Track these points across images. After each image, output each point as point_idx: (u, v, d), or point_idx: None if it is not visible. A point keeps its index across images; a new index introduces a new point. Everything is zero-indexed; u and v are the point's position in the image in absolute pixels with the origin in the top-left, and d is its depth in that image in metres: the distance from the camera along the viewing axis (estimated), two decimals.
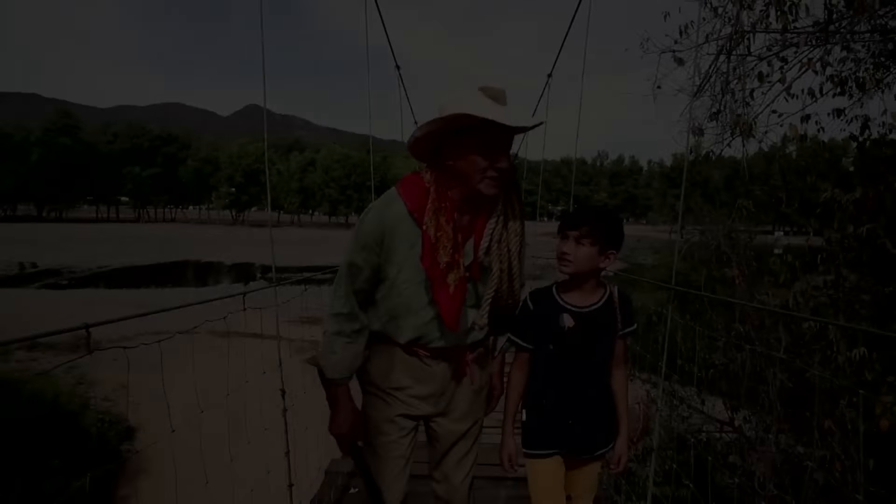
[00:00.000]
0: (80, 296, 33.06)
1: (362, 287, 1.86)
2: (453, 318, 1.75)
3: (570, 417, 1.94)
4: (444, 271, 1.71)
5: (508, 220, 1.80)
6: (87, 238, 62.32)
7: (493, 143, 1.65)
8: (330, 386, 1.93)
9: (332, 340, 1.89)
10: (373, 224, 1.79)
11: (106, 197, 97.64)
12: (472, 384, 1.96)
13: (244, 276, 44.35)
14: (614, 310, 1.92)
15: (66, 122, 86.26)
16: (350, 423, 1.92)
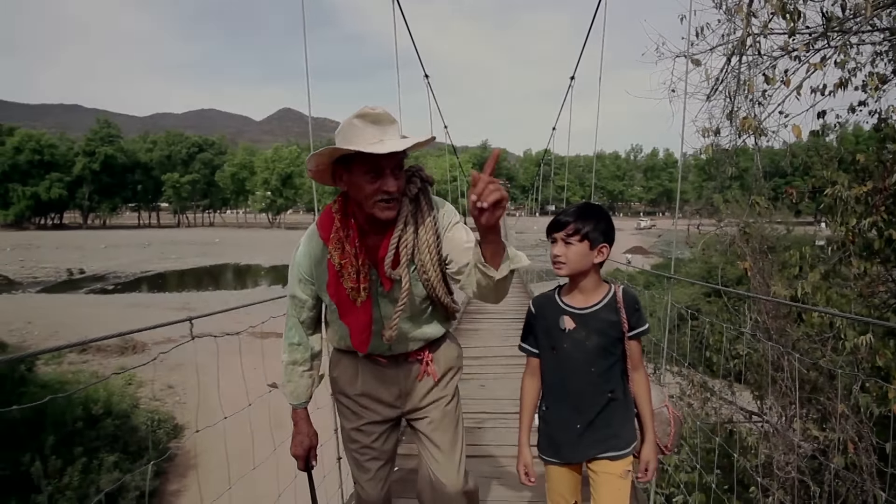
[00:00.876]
0: (125, 300, 34.15)
1: (308, 315, 1.99)
2: (358, 340, 1.83)
3: (578, 422, 1.90)
4: (349, 297, 1.77)
5: (419, 233, 1.80)
6: (131, 244, 64.09)
7: (375, 168, 1.67)
8: (292, 410, 2.10)
9: (287, 370, 2.05)
10: (301, 258, 1.92)
11: (147, 203, 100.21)
12: (434, 381, 2.02)
13: (282, 278, 45.15)
14: (618, 309, 1.88)
15: (108, 131, 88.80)
16: (305, 445, 2.07)
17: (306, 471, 2.15)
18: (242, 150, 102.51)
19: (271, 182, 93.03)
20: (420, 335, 1.97)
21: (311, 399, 2.12)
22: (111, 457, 12.05)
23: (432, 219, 1.82)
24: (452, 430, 2.05)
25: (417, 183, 1.82)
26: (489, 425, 4.35)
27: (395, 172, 1.70)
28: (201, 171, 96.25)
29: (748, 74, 3.53)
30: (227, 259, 54.68)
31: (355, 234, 1.77)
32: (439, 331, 2.03)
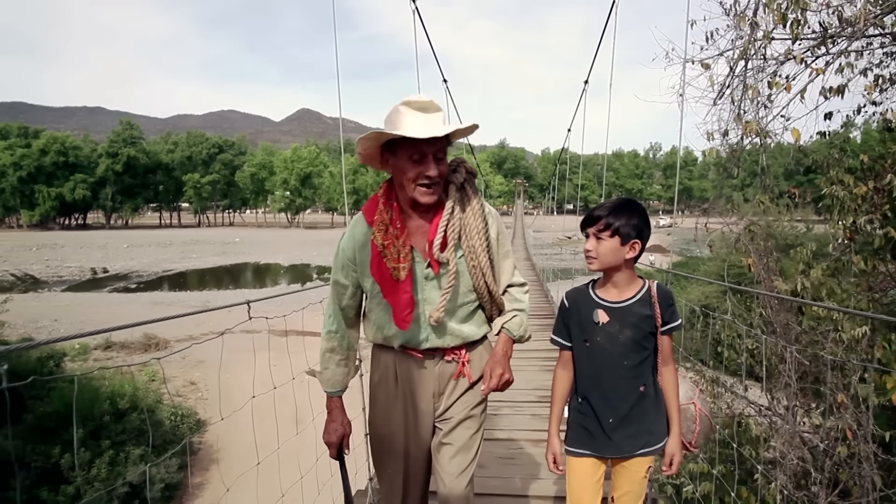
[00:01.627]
0: (148, 298, 34.72)
1: (348, 304, 2.02)
2: (401, 317, 1.83)
3: (610, 416, 1.90)
4: (391, 276, 1.81)
5: (468, 218, 1.87)
6: (152, 243, 65.01)
7: (418, 153, 1.74)
8: (327, 397, 2.12)
9: (324, 358, 2.08)
10: (346, 243, 1.95)
11: (168, 203, 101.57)
12: (469, 382, 2.01)
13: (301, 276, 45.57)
14: (652, 304, 1.88)
15: (130, 133, 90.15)
16: (339, 433, 2.07)
17: (338, 459, 2.13)
18: (262, 150, 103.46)
19: (290, 182, 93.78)
20: (459, 331, 1.96)
21: (346, 388, 2.15)
22: (137, 450, 12.36)
23: (480, 207, 1.90)
24: (470, 435, 2.02)
25: (463, 172, 1.90)
26: (504, 412, 4.73)
27: (437, 158, 1.77)
28: (221, 172, 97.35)
29: (754, 79, 3.66)
30: (246, 258, 55.26)
31: (398, 216, 1.83)
32: (479, 332, 2.02)
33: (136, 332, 23.26)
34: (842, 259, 3.36)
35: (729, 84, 3.85)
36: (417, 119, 1.72)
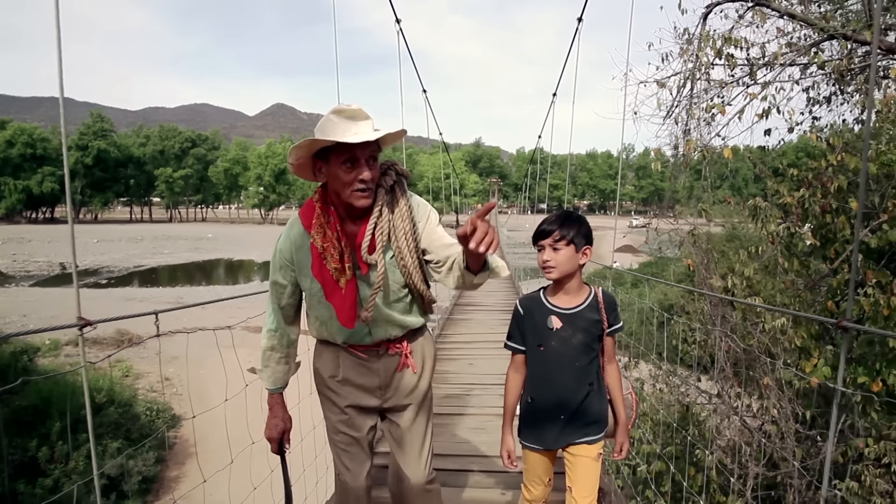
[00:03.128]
0: (120, 294, 34.36)
1: (288, 302, 2.07)
2: (346, 317, 1.90)
3: (562, 413, 2.06)
4: (333, 277, 1.88)
5: (396, 220, 1.93)
6: (123, 238, 64.08)
7: (350, 158, 1.79)
8: (267, 394, 2.19)
9: (265, 356, 2.13)
10: (283, 244, 2.01)
11: (139, 198, 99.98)
12: (414, 373, 2.12)
13: None
14: (599, 309, 2.04)
15: (101, 125, 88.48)
16: (280, 428, 2.16)
17: (279, 454, 2.22)
18: (236, 145, 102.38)
19: (264, 178, 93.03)
20: (399, 321, 2.03)
21: (286, 385, 2.21)
22: (115, 443, 12.49)
23: (408, 208, 1.96)
24: (423, 427, 2.16)
25: (393, 175, 1.96)
26: (475, 392, 5.37)
27: (369, 163, 1.83)
28: (194, 167, 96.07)
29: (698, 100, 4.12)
30: (219, 254, 54.80)
31: (335, 220, 1.89)
32: (417, 321, 2.10)
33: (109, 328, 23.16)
34: (769, 260, 3.81)
35: (677, 103, 4.31)
36: (348, 127, 1.77)
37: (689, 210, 5.08)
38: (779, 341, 3.39)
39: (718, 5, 4.14)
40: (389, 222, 1.91)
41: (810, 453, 3.55)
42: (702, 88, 4.18)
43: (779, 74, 4.05)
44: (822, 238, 3.58)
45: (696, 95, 4.17)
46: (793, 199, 3.63)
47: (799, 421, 3.49)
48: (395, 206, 1.94)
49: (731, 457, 3.74)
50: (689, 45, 4.14)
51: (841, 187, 3.37)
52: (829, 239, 3.55)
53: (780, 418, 3.37)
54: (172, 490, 13.20)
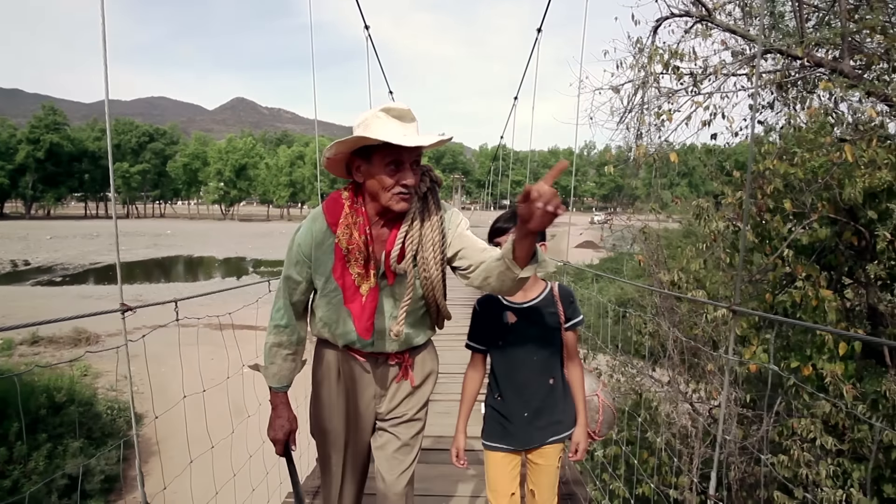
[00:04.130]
0: (76, 292, 33.52)
1: (300, 299, 1.99)
2: (364, 327, 1.81)
3: (525, 410, 2.04)
4: (355, 283, 1.81)
5: (426, 230, 1.83)
6: (77, 235, 62.41)
7: (396, 161, 1.72)
8: (271, 392, 2.08)
9: (271, 352, 2.02)
10: (302, 239, 1.90)
11: (94, 193, 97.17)
12: (412, 386, 2.04)
13: (236, 270, 44.86)
14: (555, 302, 2.04)
15: (53, 118, 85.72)
16: (285, 429, 2.04)
17: (285, 455, 2.12)
18: (195, 140, 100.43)
19: (225, 173, 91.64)
20: (406, 337, 1.95)
21: (291, 384, 2.11)
22: (76, 442, 12.35)
23: (439, 218, 1.87)
24: (411, 437, 2.06)
25: (427, 182, 1.88)
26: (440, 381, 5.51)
27: (413, 167, 1.76)
28: (152, 161, 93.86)
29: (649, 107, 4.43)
30: (179, 251, 53.81)
31: (366, 221, 1.80)
32: (423, 338, 2.04)
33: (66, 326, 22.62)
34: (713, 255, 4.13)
35: (630, 109, 4.61)
36: (397, 127, 1.71)
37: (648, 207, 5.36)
38: (721, 331, 3.71)
39: (667, 19, 4.47)
40: (419, 231, 1.83)
41: (750, 432, 3.87)
42: (653, 96, 4.49)
43: (723, 83, 4.39)
44: (758, 236, 3.91)
45: (647, 102, 4.49)
46: (734, 200, 3.95)
47: (741, 404, 3.81)
48: (426, 215, 1.85)
49: (681, 440, 4.04)
50: (640, 55, 4.44)
51: (777, 189, 3.70)
52: (764, 237, 3.88)
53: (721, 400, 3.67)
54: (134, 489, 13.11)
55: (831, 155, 3.28)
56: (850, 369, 3.56)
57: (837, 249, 3.73)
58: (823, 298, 3.41)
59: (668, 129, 4.61)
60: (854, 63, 4.21)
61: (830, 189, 3.38)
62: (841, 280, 3.87)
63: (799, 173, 3.48)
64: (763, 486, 3.44)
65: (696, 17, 4.34)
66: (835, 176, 3.33)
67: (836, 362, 3.51)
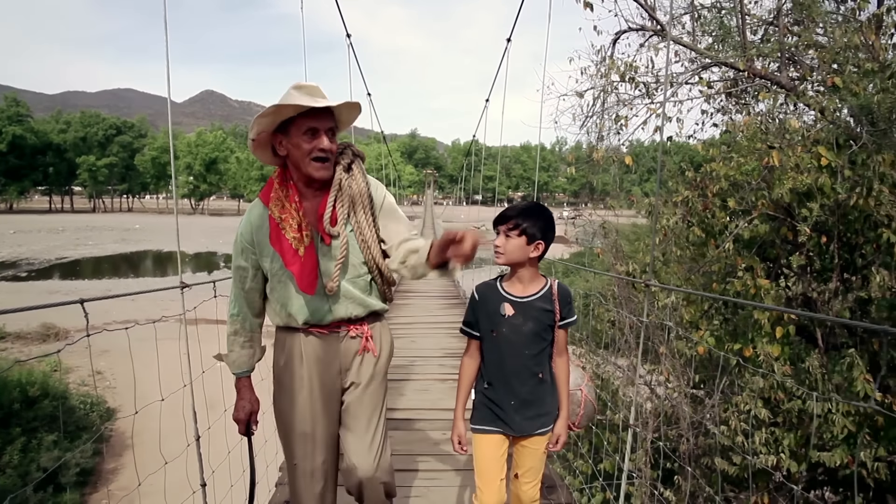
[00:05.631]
0: (43, 287, 33.02)
1: (251, 286, 2.09)
2: (306, 282, 1.93)
3: (512, 399, 2.08)
4: (292, 246, 1.92)
5: (354, 195, 1.99)
6: (42, 229, 61.19)
7: (311, 129, 1.86)
8: (235, 379, 2.22)
9: (229, 341, 2.16)
10: (243, 227, 2.04)
11: (59, 187, 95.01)
12: (374, 356, 2.13)
13: (207, 265, 44.52)
14: (553, 301, 2.07)
15: (16, 110, 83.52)
16: (247, 410, 2.18)
17: (246, 435, 2.25)
18: (164, 133, 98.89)
19: (195, 167, 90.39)
20: (359, 299, 2.06)
21: (252, 369, 2.23)
22: (50, 436, 12.39)
23: (366, 185, 2.03)
24: (370, 413, 2.10)
25: (350, 154, 2.02)
26: (418, 363, 6.18)
27: (328, 135, 1.90)
28: (119, 155, 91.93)
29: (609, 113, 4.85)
30: (148, 246, 53.17)
31: (294, 192, 1.96)
32: (377, 303, 2.13)
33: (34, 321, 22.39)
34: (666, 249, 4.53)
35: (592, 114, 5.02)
36: (308, 100, 1.83)
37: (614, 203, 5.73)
38: (672, 316, 4.09)
39: (625, 32, 4.88)
40: (349, 197, 1.98)
41: (698, 410, 4.27)
42: (612, 102, 4.88)
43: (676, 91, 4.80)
44: (704, 231, 4.31)
45: (607, 109, 4.87)
46: (681, 198, 4.35)
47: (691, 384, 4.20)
48: (353, 182, 1.99)
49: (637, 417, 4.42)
50: (602, 64, 4.84)
51: (722, 188, 4.09)
52: (709, 232, 4.28)
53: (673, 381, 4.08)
54: (110, 482, 13.18)
55: (764, 160, 3.69)
56: (786, 351, 3.98)
57: (775, 243, 4.15)
58: (761, 287, 3.82)
59: (626, 133, 5.03)
60: (792, 75, 4.65)
61: (763, 190, 3.80)
62: (780, 271, 4.29)
63: (737, 176, 3.88)
64: (707, 455, 3.86)
65: (650, 32, 4.75)
66: (766, 179, 3.75)
67: (773, 344, 3.92)
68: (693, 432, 4.14)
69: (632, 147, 5.30)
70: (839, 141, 3.54)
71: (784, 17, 4.67)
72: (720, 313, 4.64)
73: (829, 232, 3.95)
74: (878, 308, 3.86)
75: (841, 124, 3.60)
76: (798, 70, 4.66)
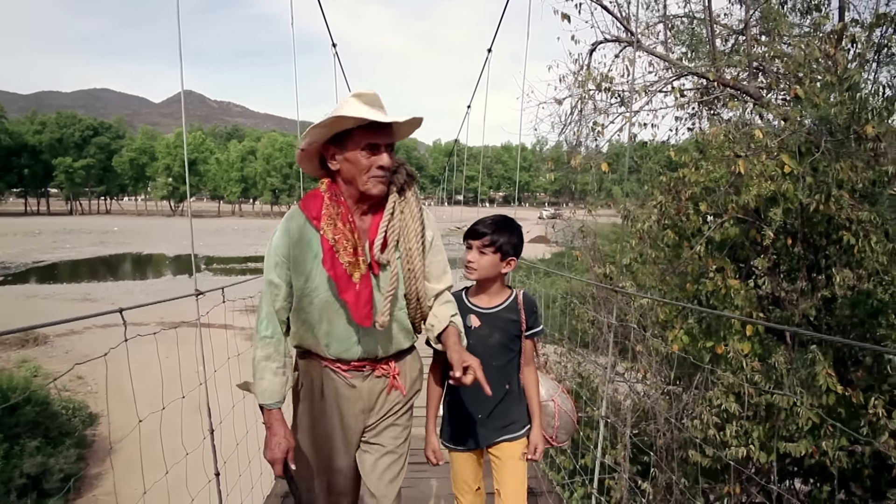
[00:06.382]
0: (19, 291, 32.57)
1: (283, 305, 1.87)
2: (362, 314, 1.76)
3: (479, 412, 2.07)
4: (346, 272, 1.74)
5: (407, 221, 1.84)
6: (18, 232, 60.26)
7: (371, 144, 1.72)
8: (262, 410, 1.89)
9: (260, 367, 1.87)
10: (279, 239, 1.84)
11: (35, 189, 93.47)
12: (403, 395, 1.98)
13: (187, 267, 44.13)
14: (518, 311, 2.06)
15: None
16: (283, 447, 1.85)
17: (285, 476, 1.91)
18: (142, 134, 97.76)
19: (174, 168, 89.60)
20: (390, 337, 1.90)
21: (284, 399, 1.92)
22: (33, 442, 12.33)
23: (419, 211, 1.88)
24: (398, 447, 2.01)
25: (403, 174, 1.87)
26: None
27: (388, 150, 1.75)
28: (97, 156, 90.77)
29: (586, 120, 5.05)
30: (127, 248, 52.59)
31: (347, 210, 1.78)
32: (407, 341, 1.98)
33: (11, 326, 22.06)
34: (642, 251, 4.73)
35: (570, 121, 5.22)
36: (369, 111, 1.69)
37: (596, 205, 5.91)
38: (647, 315, 4.28)
39: (601, 43, 5.09)
40: (401, 221, 1.84)
41: (673, 405, 4.47)
42: (590, 110, 5.08)
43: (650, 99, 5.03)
44: (678, 234, 4.51)
45: (585, 116, 5.09)
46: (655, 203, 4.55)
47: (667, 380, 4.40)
48: (406, 206, 1.85)
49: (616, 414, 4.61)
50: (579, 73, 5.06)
51: (694, 194, 4.29)
52: (682, 235, 4.48)
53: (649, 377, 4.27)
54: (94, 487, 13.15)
55: (731, 167, 3.90)
56: (756, 347, 4.18)
57: (745, 245, 4.36)
58: (731, 287, 4.03)
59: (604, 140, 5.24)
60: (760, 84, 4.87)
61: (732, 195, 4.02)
62: (751, 271, 4.50)
63: (707, 182, 4.09)
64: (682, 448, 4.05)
65: (624, 43, 4.95)
66: (735, 184, 3.97)
67: (744, 341, 4.12)
68: (669, 427, 4.33)
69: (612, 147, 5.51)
70: (801, 149, 3.76)
71: (751, 29, 4.91)
72: (694, 312, 4.84)
73: (795, 234, 4.17)
74: (840, 306, 4.08)
75: (803, 133, 3.81)
76: (767, 78, 4.89)
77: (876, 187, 3.86)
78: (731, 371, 3.96)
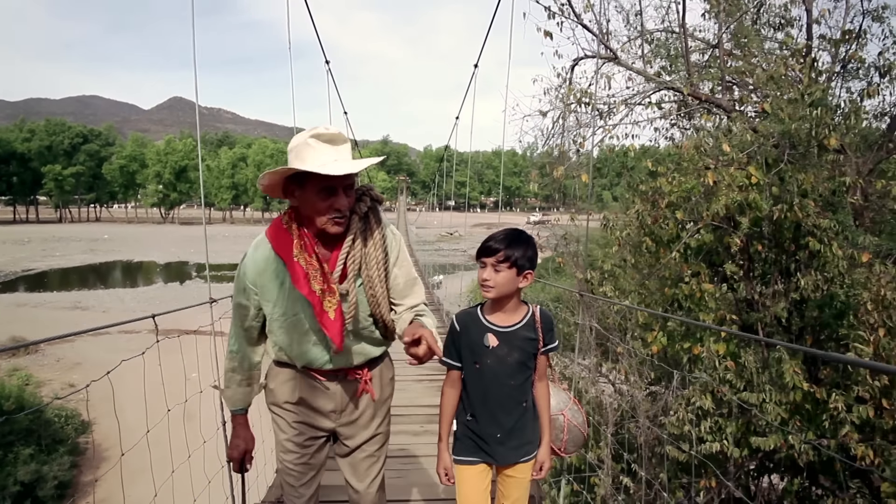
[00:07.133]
0: (10, 300, 32.50)
1: (251, 325, 2.00)
2: (339, 340, 1.82)
3: (498, 431, 2.02)
4: (320, 299, 1.80)
5: (369, 249, 1.89)
6: (7, 240, 59.95)
7: (328, 187, 1.74)
8: (231, 414, 2.17)
9: (227, 377, 2.10)
10: (246, 267, 1.91)
11: (24, 197, 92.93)
12: (373, 399, 2.08)
13: (178, 274, 44.14)
14: (536, 328, 2.01)
15: None
16: (241, 449, 2.13)
17: (240, 473, 2.26)
18: (132, 141, 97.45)
19: (164, 175, 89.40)
20: (360, 350, 2.00)
21: (249, 406, 2.17)
22: (27, 449, 12.39)
23: (381, 237, 1.91)
24: (374, 454, 2.14)
25: (367, 202, 1.90)
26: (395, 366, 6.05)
27: (346, 191, 1.78)
28: (86, 163, 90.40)
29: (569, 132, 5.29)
30: (117, 256, 52.48)
31: (311, 241, 1.84)
32: (378, 350, 2.07)
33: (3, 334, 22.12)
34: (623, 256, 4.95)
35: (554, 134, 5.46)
36: (328, 152, 1.73)
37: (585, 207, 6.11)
38: (628, 319, 4.49)
39: (582, 59, 5.34)
40: (362, 251, 1.88)
41: (654, 405, 4.68)
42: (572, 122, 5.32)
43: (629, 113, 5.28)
44: (654, 241, 4.73)
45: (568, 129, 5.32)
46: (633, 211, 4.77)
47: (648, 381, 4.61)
48: (368, 235, 1.89)
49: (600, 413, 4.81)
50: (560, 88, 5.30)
51: (671, 202, 4.51)
52: (659, 242, 4.70)
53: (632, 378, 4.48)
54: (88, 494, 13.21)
55: (702, 178, 4.12)
56: (731, 348, 4.40)
57: (719, 251, 4.58)
58: (706, 291, 4.25)
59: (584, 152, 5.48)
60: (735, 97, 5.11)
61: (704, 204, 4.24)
62: (726, 276, 4.72)
63: (680, 193, 4.31)
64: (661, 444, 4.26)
65: (604, 59, 5.18)
66: (708, 193, 4.19)
67: (719, 342, 4.34)
68: (648, 424, 4.53)
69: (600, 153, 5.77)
70: (768, 160, 3.98)
71: (725, 44, 5.16)
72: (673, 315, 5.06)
73: (766, 240, 4.40)
74: (809, 308, 4.31)
75: (769, 146, 4.04)
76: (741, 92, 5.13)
77: (835, 196, 4.09)
78: (706, 371, 4.17)
